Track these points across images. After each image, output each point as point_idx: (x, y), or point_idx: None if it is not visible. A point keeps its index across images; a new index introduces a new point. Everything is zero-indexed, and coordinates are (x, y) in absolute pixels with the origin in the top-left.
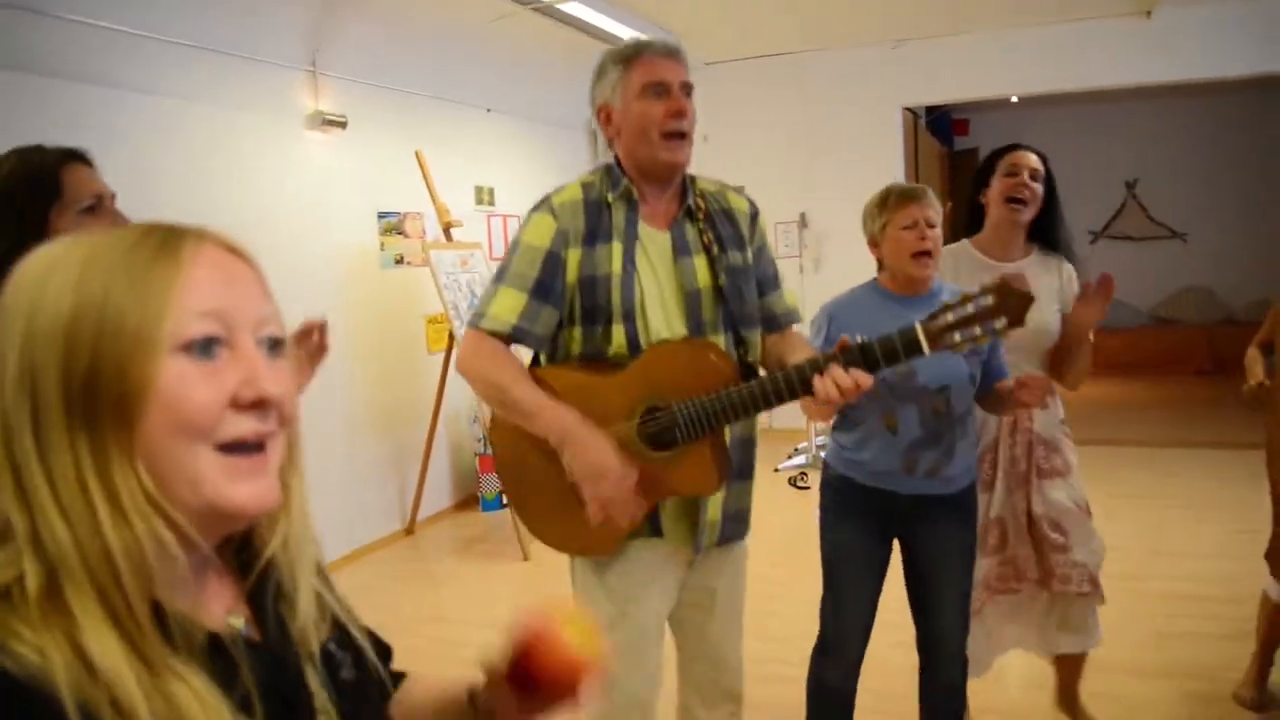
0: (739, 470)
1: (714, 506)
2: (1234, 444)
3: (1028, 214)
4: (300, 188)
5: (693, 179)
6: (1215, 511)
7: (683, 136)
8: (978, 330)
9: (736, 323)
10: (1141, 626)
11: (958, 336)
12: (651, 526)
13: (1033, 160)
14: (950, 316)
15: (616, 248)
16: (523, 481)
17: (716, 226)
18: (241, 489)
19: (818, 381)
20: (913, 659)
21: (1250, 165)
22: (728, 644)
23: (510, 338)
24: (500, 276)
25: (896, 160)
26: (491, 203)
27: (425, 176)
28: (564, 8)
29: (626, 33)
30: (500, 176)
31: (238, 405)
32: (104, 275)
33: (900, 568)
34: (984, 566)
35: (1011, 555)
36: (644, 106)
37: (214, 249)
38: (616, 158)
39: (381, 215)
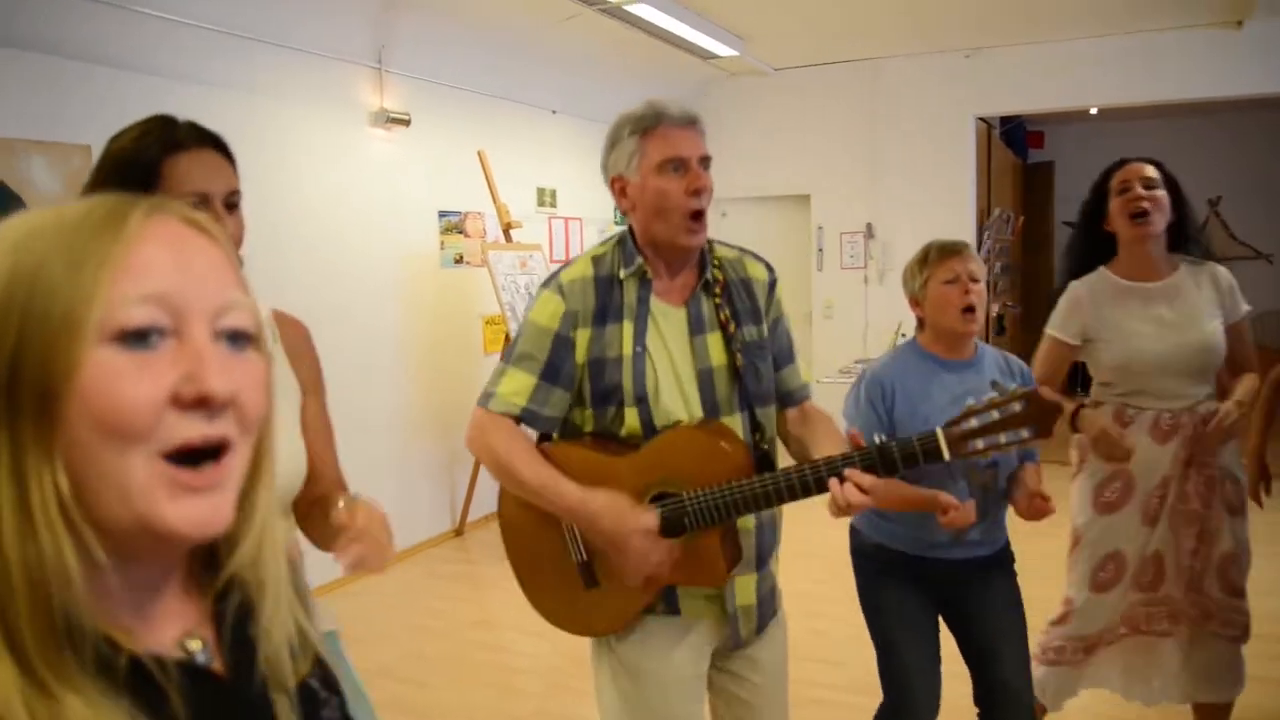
0: (770, 549)
1: (744, 592)
2: None
3: (1158, 225)
4: (362, 185)
5: (711, 246)
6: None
7: (701, 216)
8: (1002, 439)
9: (752, 402)
10: None
11: (981, 444)
12: (667, 604)
13: (1144, 169)
14: (974, 422)
15: (628, 328)
16: (523, 551)
17: (734, 300)
18: (180, 508)
19: (834, 487)
20: None
21: None
22: (776, 714)
23: (519, 419)
24: (508, 356)
25: (968, 171)
26: (554, 204)
27: (487, 176)
28: (631, 9)
29: (695, 36)
30: (563, 178)
31: (180, 404)
32: (43, 247)
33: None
34: (1130, 601)
35: (1165, 595)
36: (662, 184)
37: (169, 222)
38: (631, 229)
39: (442, 214)
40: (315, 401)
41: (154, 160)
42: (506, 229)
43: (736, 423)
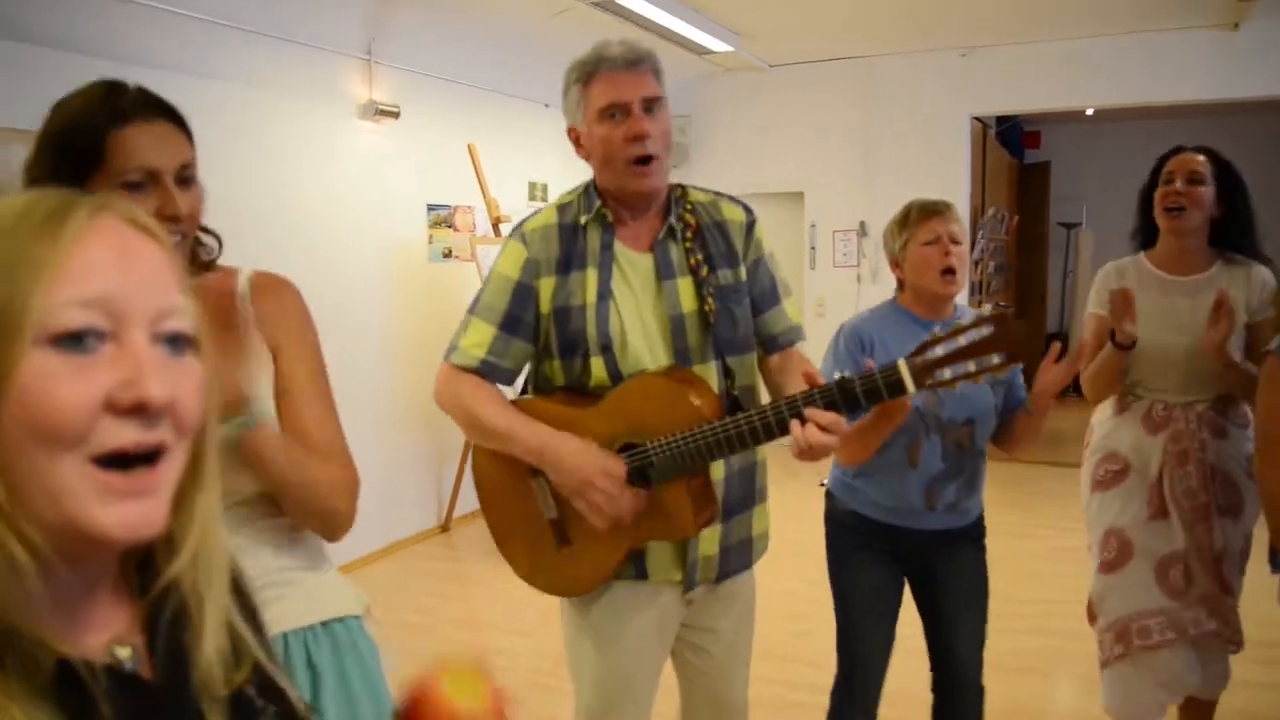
0: (741, 501)
1: (708, 542)
2: None
3: (1192, 220)
4: (350, 178)
5: (683, 190)
6: None
7: (649, 160)
8: (971, 366)
9: (724, 350)
10: None
11: (948, 373)
12: (636, 568)
13: (1193, 162)
14: (940, 350)
15: (591, 275)
16: (497, 509)
17: (707, 244)
18: (112, 511)
19: (795, 428)
20: None
21: None
22: (732, 687)
23: (479, 372)
24: (473, 308)
25: (962, 171)
26: (545, 199)
27: (477, 170)
28: (625, 3)
29: (690, 31)
30: (555, 172)
31: (115, 410)
32: None
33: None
34: (1158, 600)
35: (1201, 594)
36: (604, 131)
37: (112, 223)
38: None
39: (431, 208)
40: (292, 363)
41: (99, 133)
42: (496, 223)
43: (710, 371)
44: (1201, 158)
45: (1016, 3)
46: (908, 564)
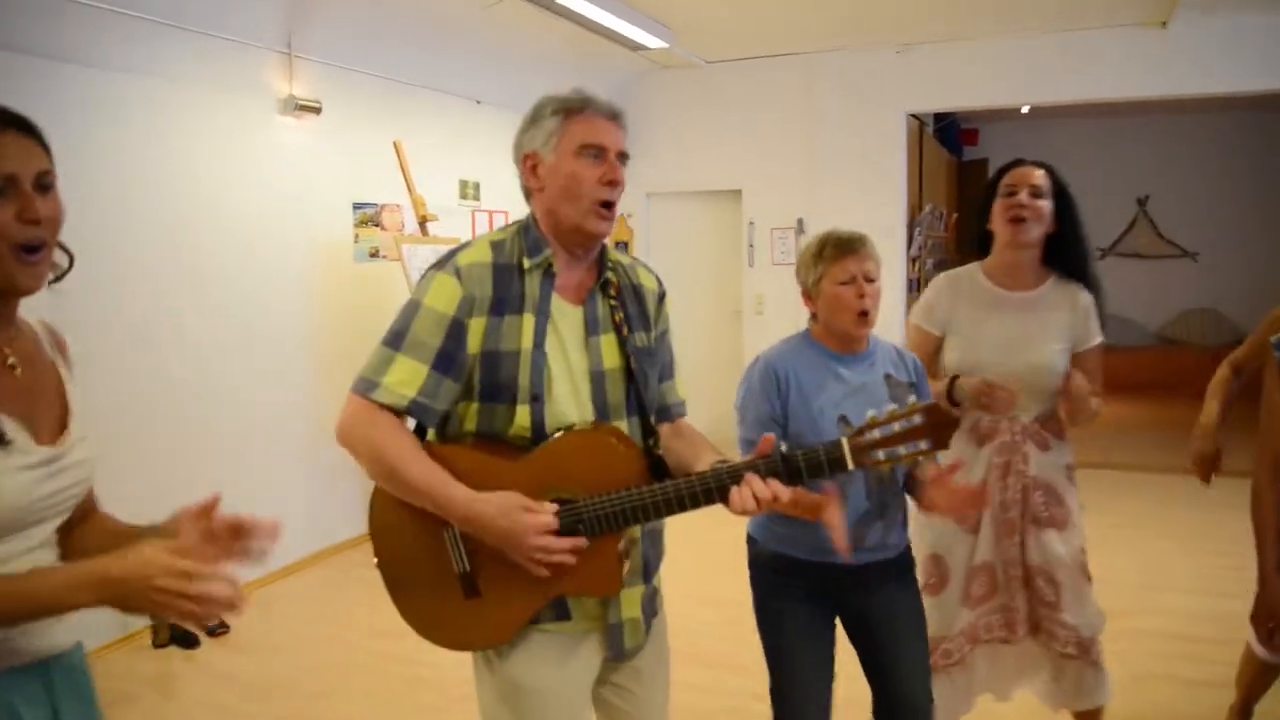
0: (657, 559)
1: (630, 604)
2: (1237, 472)
3: (1032, 234)
4: (271, 175)
5: (604, 248)
6: (1211, 543)
7: (612, 207)
8: (902, 451)
9: (644, 407)
10: (1121, 669)
11: (882, 455)
12: (556, 610)
13: (1034, 176)
14: (877, 434)
15: (529, 322)
16: (396, 558)
17: (626, 304)
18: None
19: (734, 493)
20: None
21: (1265, 184)
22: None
23: (406, 412)
24: (396, 342)
25: (899, 168)
26: (476, 197)
27: (402, 167)
28: None
29: (622, 26)
30: (488, 170)
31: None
32: None
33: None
34: (965, 617)
35: (1001, 604)
36: (578, 168)
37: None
38: (533, 215)
39: (357, 206)
40: None
41: None
42: (422, 221)
43: (628, 427)
44: (1041, 172)
45: (952, 0)
46: (838, 600)
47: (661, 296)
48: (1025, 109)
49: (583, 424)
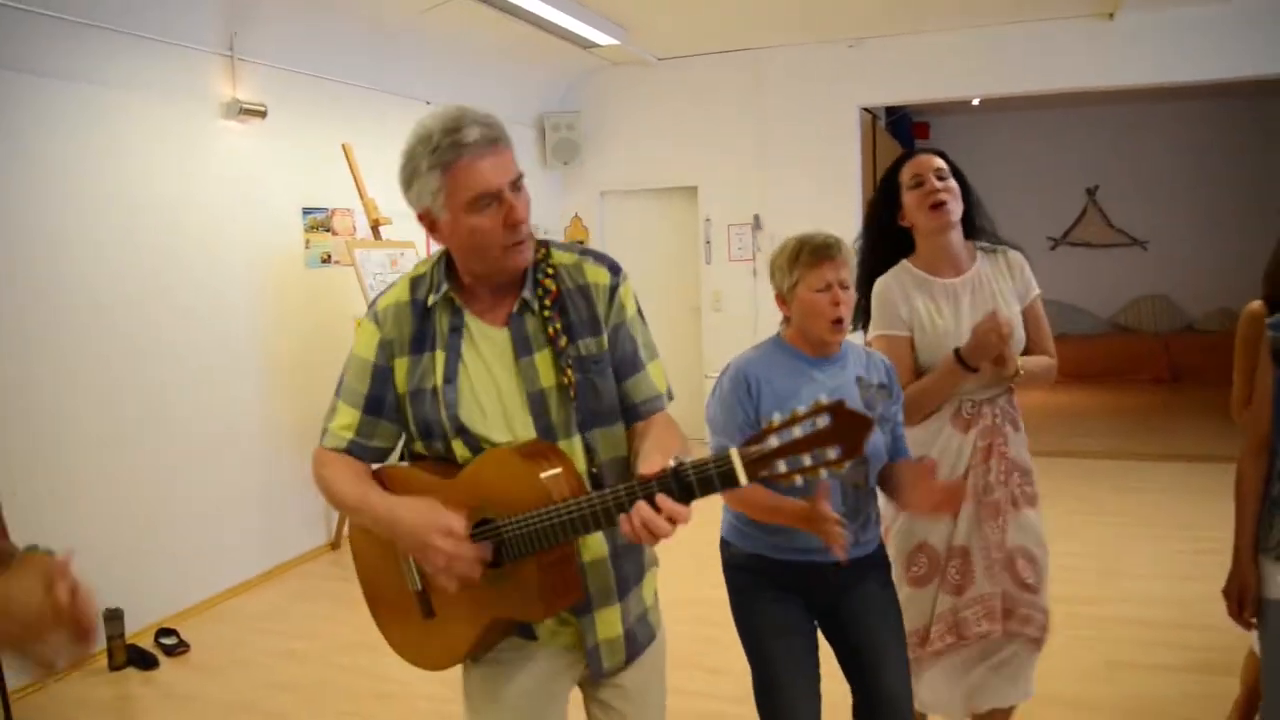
0: (635, 574)
1: (608, 625)
2: (1192, 456)
3: (955, 213)
4: (215, 181)
5: (547, 251)
6: (1172, 529)
7: (523, 241)
8: (806, 460)
9: (588, 423)
10: (1090, 656)
11: (783, 466)
12: (520, 630)
13: (933, 161)
14: (775, 441)
15: (439, 358)
16: (372, 583)
17: (567, 311)
18: None
19: (624, 522)
20: None
21: (1212, 173)
22: None
23: (349, 452)
24: (338, 389)
25: (853, 162)
26: None
27: (353, 170)
28: None
29: (572, 24)
30: None
31: None
32: None
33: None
34: (945, 602)
35: (978, 595)
36: (476, 222)
37: None
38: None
39: (307, 211)
40: None
41: None
42: (375, 225)
43: (575, 446)
44: (935, 156)
45: None
46: (815, 600)
47: (613, 289)
48: (976, 101)
49: (509, 444)
